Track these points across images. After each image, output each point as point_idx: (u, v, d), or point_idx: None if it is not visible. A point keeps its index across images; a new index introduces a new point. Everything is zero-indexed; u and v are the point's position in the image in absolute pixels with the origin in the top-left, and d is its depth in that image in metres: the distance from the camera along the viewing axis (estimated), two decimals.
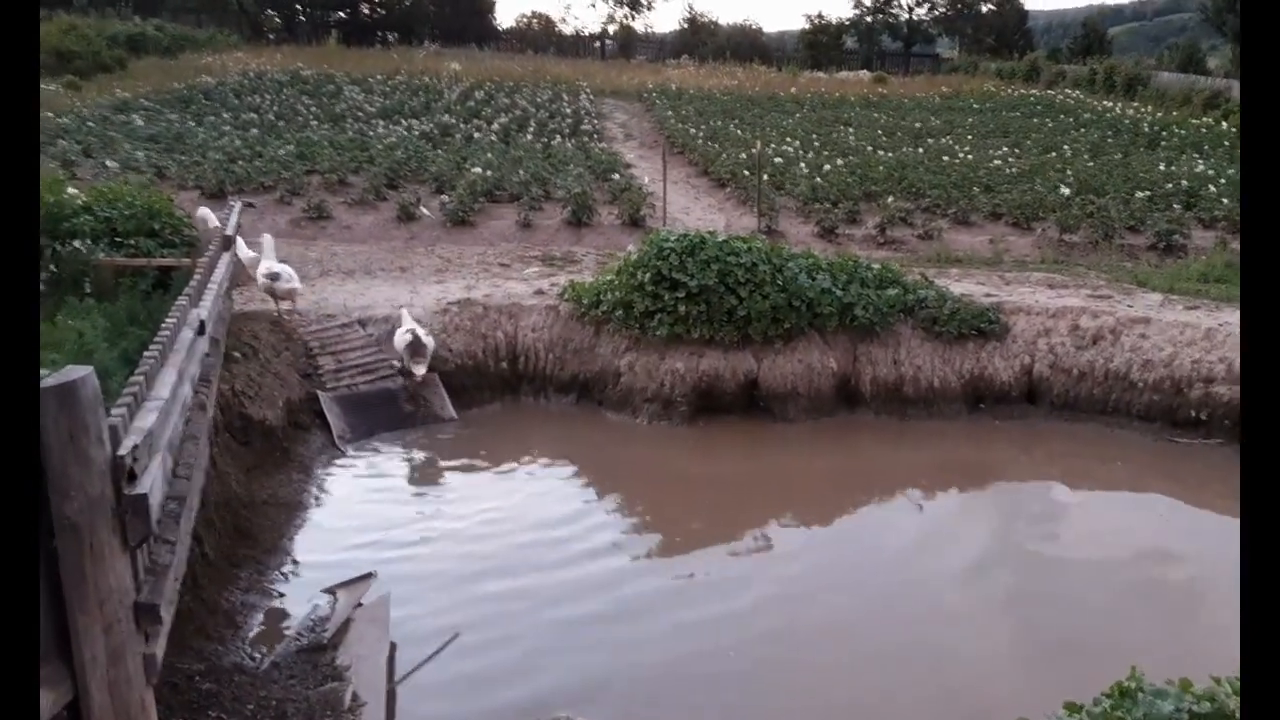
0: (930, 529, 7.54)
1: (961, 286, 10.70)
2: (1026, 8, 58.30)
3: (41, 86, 25.04)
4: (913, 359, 9.45)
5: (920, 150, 21.31)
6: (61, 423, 2.86)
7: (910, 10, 58.38)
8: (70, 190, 9.22)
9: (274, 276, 9.21)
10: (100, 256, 8.41)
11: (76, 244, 8.35)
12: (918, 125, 25.50)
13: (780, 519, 7.56)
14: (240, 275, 9.29)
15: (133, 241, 8.70)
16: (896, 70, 48.23)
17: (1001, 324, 9.64)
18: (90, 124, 20.13)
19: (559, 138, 21.72)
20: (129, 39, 35.68)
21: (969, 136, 23.55)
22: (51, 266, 8.31)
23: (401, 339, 8.83)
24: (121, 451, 3.10)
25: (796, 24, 59.26)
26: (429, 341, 8.84)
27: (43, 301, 7.96)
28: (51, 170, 13.95)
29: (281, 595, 5.90)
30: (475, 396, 9.24)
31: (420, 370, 8.72)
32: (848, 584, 6.60)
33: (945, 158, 20.19)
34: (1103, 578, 6.61)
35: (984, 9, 57.84)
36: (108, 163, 16.02)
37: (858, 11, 57.98)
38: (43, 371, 3.10)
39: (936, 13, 58.48)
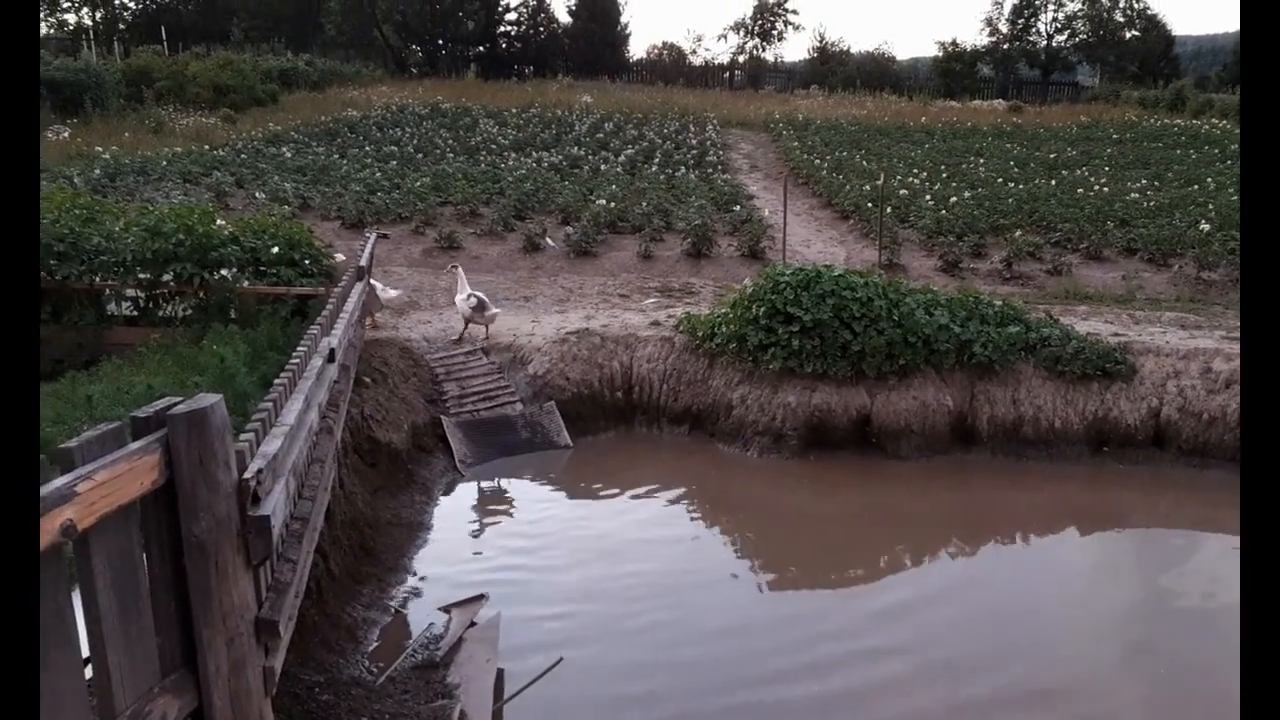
0: (1050, 575, 7.29)
1: (1088, 325, 10.37)
2: (1173, 33, 55.47)
3: (200, 119, 26.83)
4: (1033, 399, 9.18)
5: (1053, 182, 20.57)
6: (192, 447, 3.10)
7: (1049, 37, 56.45)
8: (219, 222, 9.88)
9: (481, 306, 9.93)
10: (244, 285, 9.00)
11: (224, 273, 8.96)
12: (1052, 156, 24.63)
13: (891, 558, 7.45)
14: (373, 304, 9.76)
15: (274, 271, 9.26)
16: (1033, 99, 46.67)
17: (1128, 365, 9.29)
18: (243, 156, 21.31)
19: (683, 169, 21.93)
20: (281, 73, 37.10)
21: (1106, 168, 22.61)
22: (200, 294, 8.95)
23: (466, 303, 9.86)
24: (247, 475, 3.34)
25: (930, 50, 57.93)
26: (488, 302, 10.01)
27: (190, 327, 8.59)
28: (205, 201, 14.94)
29: (399, 612, 6.15)
30: (590, 425, 9.43)
31: (482, 328, 9.91)
32: (962, 628, 6.41)
33: (1079, 190, 19.45)
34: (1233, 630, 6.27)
35: (1127, 35, 55.37)
36: (257, 194, 17.00)
37: (994, 39, 56.51)
38: (180, 396, 3.39)
39: (1077, 39, 56.31)
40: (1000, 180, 20.59)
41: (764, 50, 60.98)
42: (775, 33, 60.63)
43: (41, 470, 2.70)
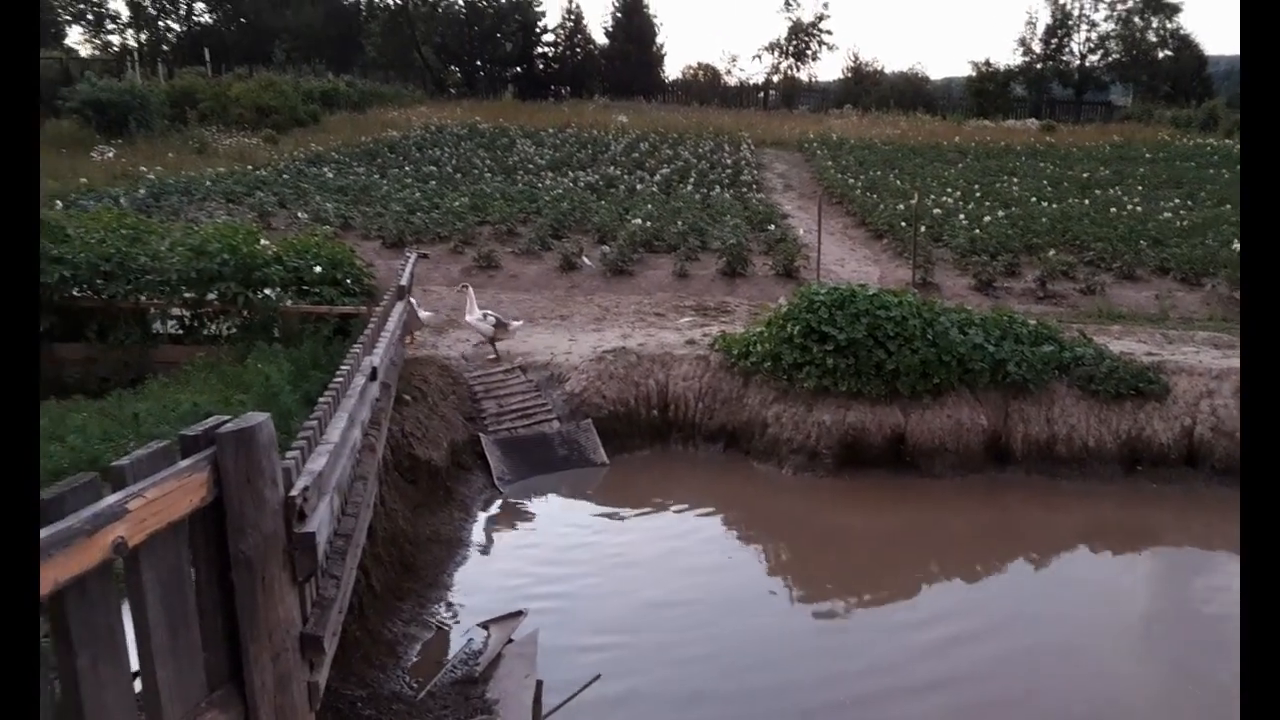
0: (1083, 592, 7.22)
1: (1122, 344, 10.34)
2: (1206, 53, 54.75)
3: (243, 140, 27.29)
4: (1067, 418, 9.13)
5: (1086, 201, 20.50)
6: (240, 465, 3.16)
7: (1082, 57, 56.05)
8: (263, 242, 10.03)
9: (501, 324, 10.20)
10: (287, 304, 9.13)
11: (267, 292, 9.09)
12: (1085, 175, 24.53)
13: (926, 576, 7.42)
14: (413, 323, 9.86)
15: (317, 290, 9.38)
16: (1066, 118, 46.41)
17: (1162, 384, 9.25)
18: (285, 176, 21.64)
19: (718, 188, 21.99)
20: (323, 94, 37.62)
21: (1139, 187, 22.47)
22: (244, 313, 9.09)
23: (484, 322, 10.16)
24: (293, 492, 3.39)
25: (963, 70, 57.63)
26: (503, 318, 10.36)
27: (234, 345, 8.72)
28: (248, 220, 15.18)
29: (439, 628, 6.19)
30: (626, 443, 9.45)
31: (503, 337, 10.27)
32: (997, 646, 6.35)
33: (1113, 209, 19.38)
34: None
35: (1160, 55, 54.84)
36: (300, 214, 17.26)
37: (1027, 59, 56.16)
38: (225, 414, 3.45)
39: (1110, 59, 55.85)
40: (1034, 199, 20.51)
41: (798, 70, 61.12)
42: (810, 53, 60.75)
43: (94, 488, 2.76)
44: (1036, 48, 56.18)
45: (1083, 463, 9.07)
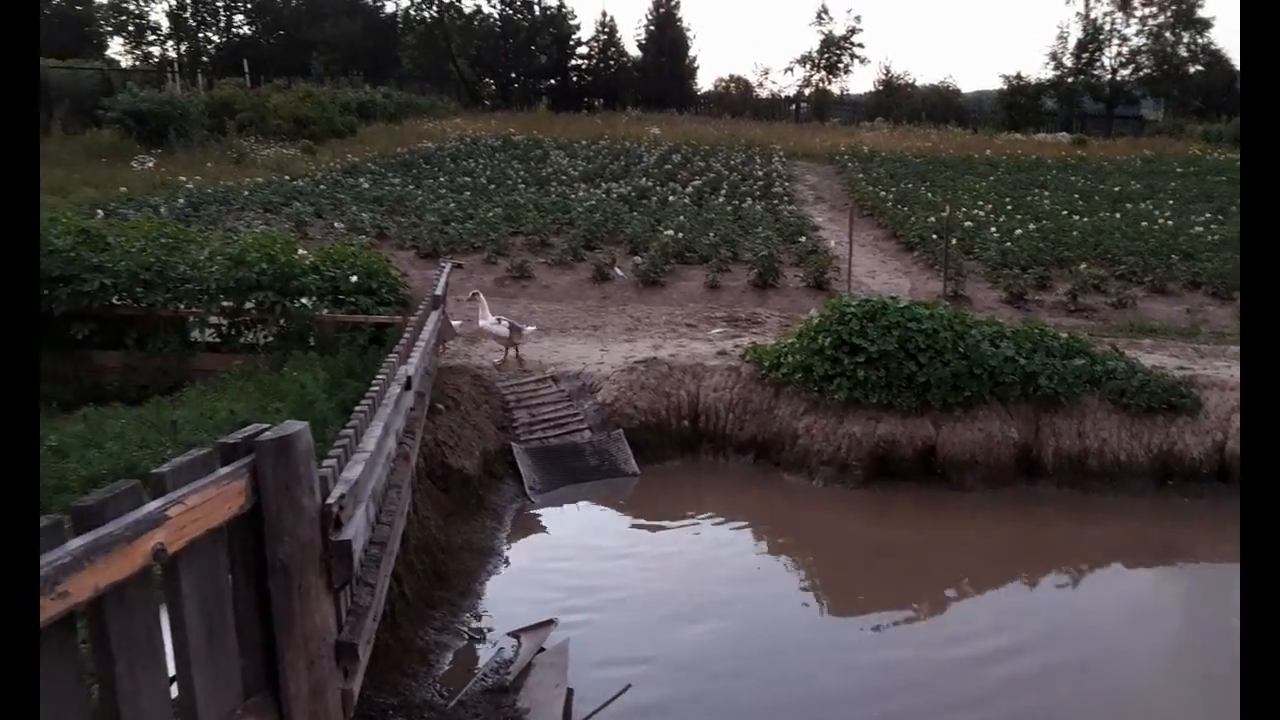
0: (1114, 608, 7.15)
1: (1154, 358, 10.28)
2: (1237, 68, 54.14)
3: (281, 150, 27.62)
4: (1098, 431, 9.06)
5: (1118, 215, 20.40)
6: (278, 473, 3.18)
7: (1114, 71, 55.57)
8: (300, 251, 10.14)
9: (515, 329, 10.31)
10: (323, 313, 9.21)
11: (304, 301, 9.18)
12: (1116, 189, 24.36)
13: (956, 591, 7.37)
14: (447, 332, 9.92)
15: (353, 299, 9.45)
16: (1097, 132, 45.97)
17: (1193, 398, 9.20)
18: (322, 186, 21.84)
19: (749, 200, 21.97)
20: (359, 106, 37.91)
21: (1170, 201, 22.27)
22: (281, 321, 9.18)
23: (498, 327, 10.33)
24: (329, 500, 3.41)
25: (994, 84, 57.31)
26: (517, 323, 10.57)
27: (271, 353, 8.81)
28: (285, 230, 15.36)
29: (470, 637, 6.21)
30: (657, 453, 9.44)
31: (518, 341, 10.39)
32: (1028, 663, 6.26)
33: (1144, 223, 19.25)
34: None
35: (1191, 70, 54.28)
36: (336, 224, 17.44)
37: (1058, 73, 55.72)
38: (262, 422, 3.47)
39: (1141, 74, 55.29)
40: (1065, 213, 20.42)
41: (830, 83, 61.08)
42: (841, 66, 60.74)
43: (135, 494, 2.79)
44: (1068, 62, 55.90)
45: (1114, 477, 9.01)
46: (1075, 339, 9.90)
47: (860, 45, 60.95)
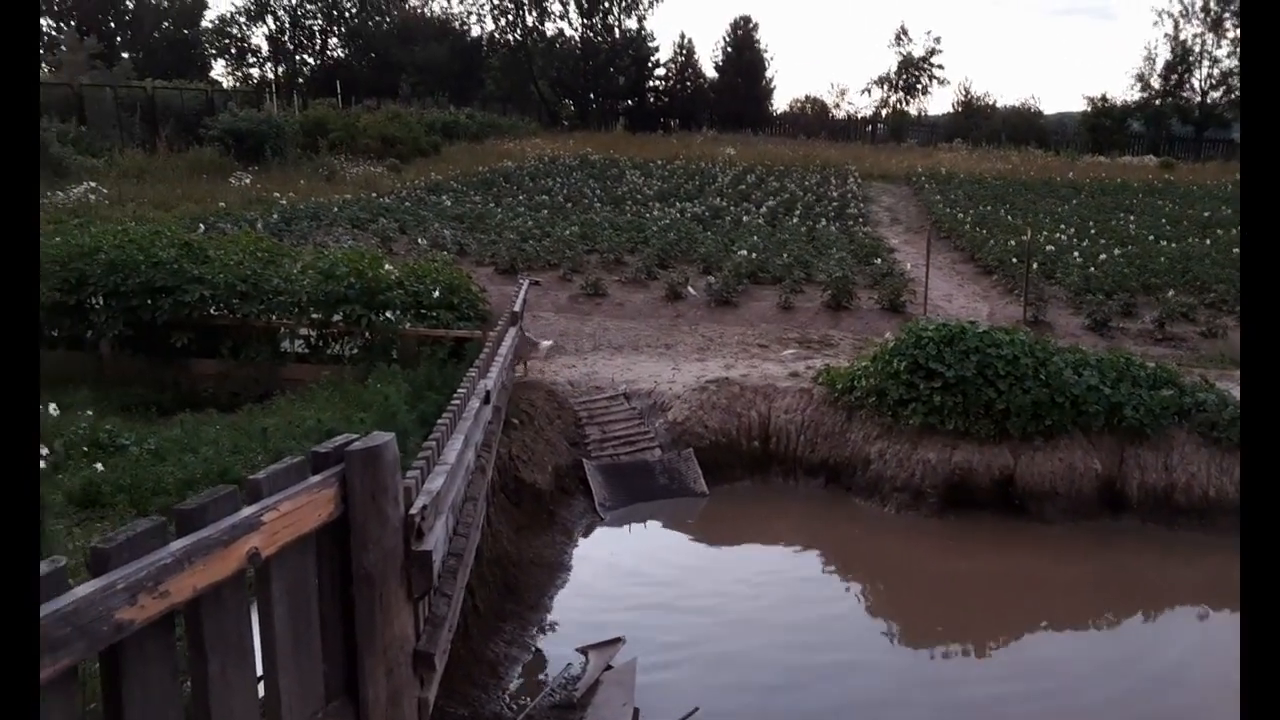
0: (1199, 651, 6.92)
1: None
2: None
3: (369, 168, 28.40)
4: (1186, 465, 8.73)
5: (1208, 241, 19.62)
6: (366, 483, 3.31)
7: (1204, 94, 53.73)
8: (386, 266, 10.44)
9: (530, 343, 10.35)
10: (406, 327, 9.47)
11: (388, 315, 9.46)
12: (1206, 214, 23.45)
13: (1033, 627, 7.21)
14: (524, 349, 10.10)
15: (435, 314, 9.71)
16: (1186, 156, 44.60)
17: None
18: (407, 204, 22.43)
19: (824, 221, 21.87)
20: (444, 126, 39.12)
21: None
22: (366, 334, 9.47)
23: (543, 345, 10.88)
24: (412, 511, 3.54)
25: (1078, 105, 56.00)
26: (531, 336, 10.66)
27: (356, 365, 9.08)
28: (371, 246, 15.80)
29: (539, 651, 6.30)
30: (726, 473, 9.44)
31: (532, 356, 10.57)
32: (1107, 709, 6.12)
33: (1235, 250, 18.48)
34: None
35: None
36: (419, 240, 17.87)
37: (1145, 94, 54.15)
38: (348, 432, 3.62)
39: (1233, 96, 53.20)
40: (1151, 238, 19.83)
41: (907, 104, 60.35)
42: (920, 87, 60.02)
43: (233, 499, 2.94)
44: (1155, 83, 54.37)
45: (1203, 513, 8.63)
46: (1163, 368, 9.56)
47: (940, 66, 60.15)
